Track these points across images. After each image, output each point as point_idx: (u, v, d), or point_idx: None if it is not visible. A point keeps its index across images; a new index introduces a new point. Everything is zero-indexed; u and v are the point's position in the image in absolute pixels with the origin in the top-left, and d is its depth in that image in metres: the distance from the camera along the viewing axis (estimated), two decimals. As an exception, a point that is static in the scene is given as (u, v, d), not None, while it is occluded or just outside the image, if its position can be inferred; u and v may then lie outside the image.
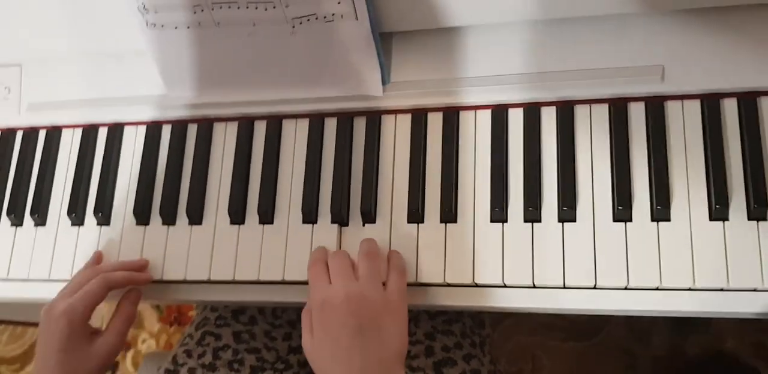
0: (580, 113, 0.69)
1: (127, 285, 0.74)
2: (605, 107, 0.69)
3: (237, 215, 0.75)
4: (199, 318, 0.95)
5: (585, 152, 0.68)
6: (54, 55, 0.83)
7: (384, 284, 0.66)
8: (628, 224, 0.66)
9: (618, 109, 0.68)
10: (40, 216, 0.81)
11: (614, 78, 0.68)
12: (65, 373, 0.69)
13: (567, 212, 0.66)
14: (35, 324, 1.72)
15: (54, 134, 0.84)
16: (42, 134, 0.85)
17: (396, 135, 0.74)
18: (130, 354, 1.74)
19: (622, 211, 0.65)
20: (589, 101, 0.69)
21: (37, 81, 0.85)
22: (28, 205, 0.82)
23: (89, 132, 0.83)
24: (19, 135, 0.85)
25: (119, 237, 0.79)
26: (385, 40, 0.73)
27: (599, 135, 0.69)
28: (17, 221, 0.82)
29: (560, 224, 0.67)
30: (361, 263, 0.66)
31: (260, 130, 0.78)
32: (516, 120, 0.71)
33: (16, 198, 0.82)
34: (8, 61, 0.85)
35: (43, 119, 0.84)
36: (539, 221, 0.68)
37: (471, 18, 0.69)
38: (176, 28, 0.70)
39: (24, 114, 0.84)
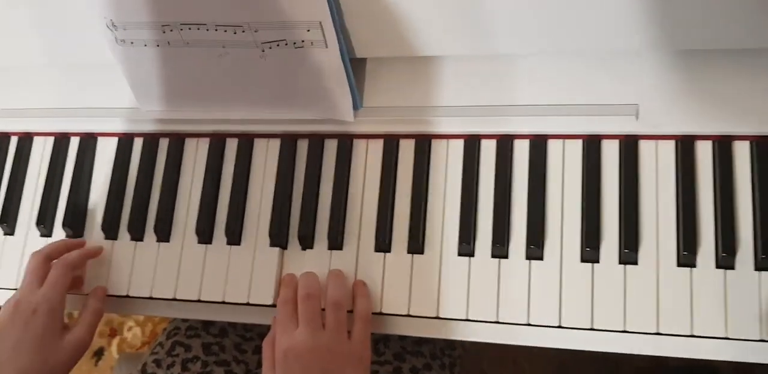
0: (553, 147, 0.68)
1: (85, 260, 0.75)
2: (579, 143, 0.67)
3: (204, 235, 0.74)
4: (171, 326, 0.94)
5: (556, 188, 0.67)
6: (27, 63, 0.81)
7: (349, 332, 0.67)
8: (595, 265, 0.64)
9: (592, 146, 0.67)
10: (9, 225, 0.80)
11: (589, 115, 0.66)
12: (36, 367, 0.68)
13: (534, 250, 0.65)
14: None
15: (26, 141, 0.83)
16: (13, 141, 0.83)
17: (367, 160, 0.73)
18: (115, 342, 1.75)
19: (590, 252, 0.64)
20: (563, 137, 0.68)
21: (9, 88, 0.84)
22: (-4, 213, 0.81)
23: (61, 141, 0.82)
24: (-10, 141, 0.84)
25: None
26: (358, 65, 0.72)
27: (571, 172, 0.67)
28: (-14, 229, 0.81)
29: (527, 261, 0.66)
30: (328, 314, 0.66)
31: (232, 148, 0.77)
32: (488, 151, 0.70)
33: (-15, 207, 0.82)
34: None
35: (15, 126, 0.83)
36: (506, 257, 0.67)
37: (442, 49, 0.67)
38: (145, 45, 0.69)
39: (-4, 120, 0.83)
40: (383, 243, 0.70)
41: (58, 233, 0.79)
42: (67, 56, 0.78)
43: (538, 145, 0.68)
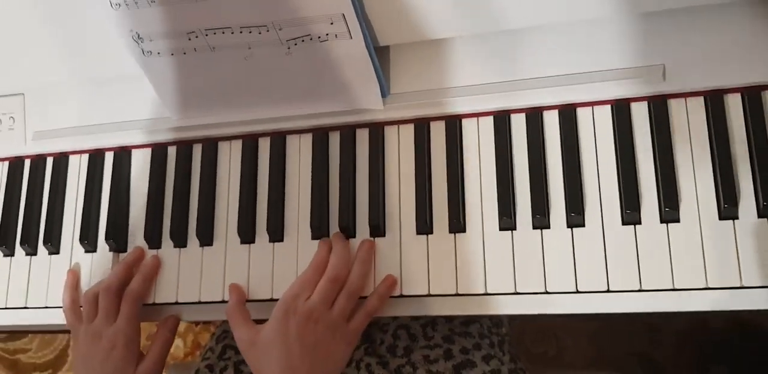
0: (583, 115, 0.69)
1: (150, 282, 0.77)
2: (608, 108, 0.68)
3: (247, 235, 0.76)
4: (219, 330, 0.96)
5: (590, 154, 0.68)
6: (55, 82, 0.83)
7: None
8: (637, 226, 0.65)
9: (621, 110, 0.68)
10: (53, 245, 0.82)
11: (615, 80, 0.67)
12: None
13: (575, 217, 0.66)
14: (65, 331, 1.76)
15: (61, 161, 0.85)
16: (50, 162, 0.85)
17: (400, 146, 0.74)
18: (158, 354, 1.77)
19: (631, 214, 0.65)
20: (592, 104, 0.69)
21: (40, 109, 0.86)
22: (41, 234, 0.83)
23: (96, 158, 0.83)
24: (27, 164, 0.86)
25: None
26: (382, 53, 0.73)
27: (603, 137, 0.68)
28: (31, 250, 0.83)
29: (569, 229, 0.67)
30: (340, 298, 0.70)
31: (265, 147, 0.78)
32: (519, 126, 0.71)
33: (29, 228, 0.83)
34: (11, 90, 0.86)
35: (49, 147, 0.85)
36: (548, 227, 0.68)
37: (461, 29, 0.68)
38: (172, 54, 0.70)
39: (30, 143, 0.85)
40: (424, 225, 0.71)
41: (102, 248, 0.81)
42: (95, 71, 0.79)
43: (567, 114, 0.69)
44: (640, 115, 0.68)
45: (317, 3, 0.63)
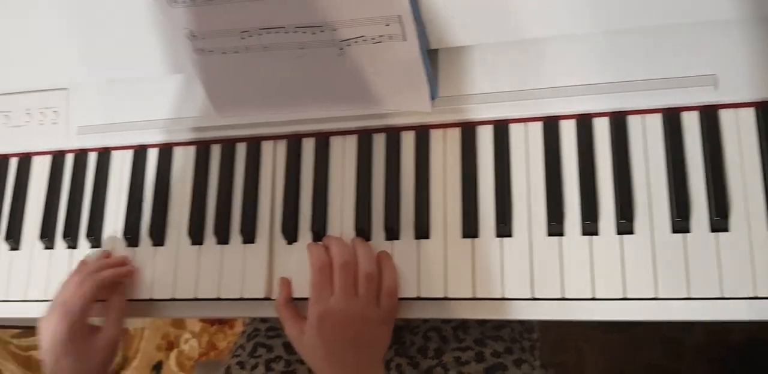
0: (633, 123, 0.69)
1: (115, 280, 0.78)
2: (658, 116, 0.69)
3: (290, 234, 0.76)
4: (249, 328, 0.96)
5: (640, 161, 0.68)
6: (99, 78, 0.83)
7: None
8: (687, 235, 0.65)
9: (671, 118, 0.68)
10: (96, 239, 0.83)
11: (666, 88, 0.67)
12: (78, 369, 0.75)
13: (625, 224, 0.66)
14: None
15: (105, 156, 0.85)
16: (93, 157, 0.86)
17: (446, 149, 0.74)
18: (173, 354, 1.78)
19: (681, 222, 0.65)
20: (642, 112, 0.69)
21: (84, 104, 0.86)
22: (84, 227, 0.83)
23: (139, 154, 0.84)
24: (70, 158, 0.86)
25: (174, 257, 0.80)
26: (432, 56, 0.73)
27: (653, 145, 0.68)
28: (73, 243, 0.83)
29: (619, 236, 0.67)
30: (361, 284, 0.71)
31: (309, 147, 0.79)
32: (568, 132, 0.71)
33: (71, 221, 0.84)
34: (54, 85, 0.86)
35: (93, 142, 0.85)
36: (596, 233, 0.68)
37: (516, 33, 0.69)
38: (224, 53, 0.71)
39: (74, 137, 0.86)
40: (470, 229, 0.71)
41: (145, 243, 0.81)
42: (138, 69, 0.80)
43: (618, 121, 0.69)
44: (690, 124, 0.68)
45: (375, 5, 0.64)
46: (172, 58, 0.78)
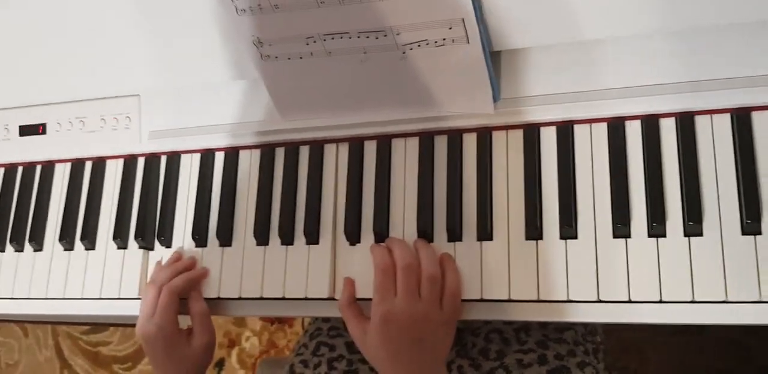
0: (702, 123, 0.68)
1: (190, 285, 0.82)
2: (727, 117, 0.67)
3: (353, 236, 0.77)
4: (312, 328, 0.98)
5: (708, 162, 0.67)
6: (169, 85, 0.86)
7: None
8: (757, 237, 0.64)
9: (741, 119, 0.66)
10: (166, 240, 0.86)
11: (736, 88, 0.66)
12: (185, 371, 0.81)
13: (693, 226, 0.65)
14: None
15: (174, 159, 0.88)
16: (163, 160, 0.89)
17: (508, 150, 0.74)
18: (235, 352, 1.82)
19: (752, 224, 0.64)
20: (710, 112, 0.68)
21: (154, 110, 0.89)
22: (155, 228, 0.87)
23: (207, 157, 0.86)
24: (141, 161, 0.90)
25: (240, 258, 0.82)
26: (494, 58, 0.73)
27: (722, 145, 0.67)
28: (144, 243, 0.87)
29: (686, 238, 0.66)
30: (424, 286, 0.71)
31: (371, 150, 0.80)
32: (634, 132, 0.70)
33: (143, 223, 0.87)
34: (127, 91, 0.90)
35: (163, 146, 0.88)
36: (664, 236, 0.67)
37: (578, 34, 0.68)
38: (289, 58, 0.73)
39: (145, 141, 0.89)
40: (534, 230, 0.71)
41: (212, 243, 0.84)
42: (205, 75, 0.82)
43: (685, 121, 0.68)
44: (761, 123, 0.66)
45: (437, 8, 0.65)
46: (237, 65, 0.80)
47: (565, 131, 0.72)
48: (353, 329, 0.73)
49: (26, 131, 0.93)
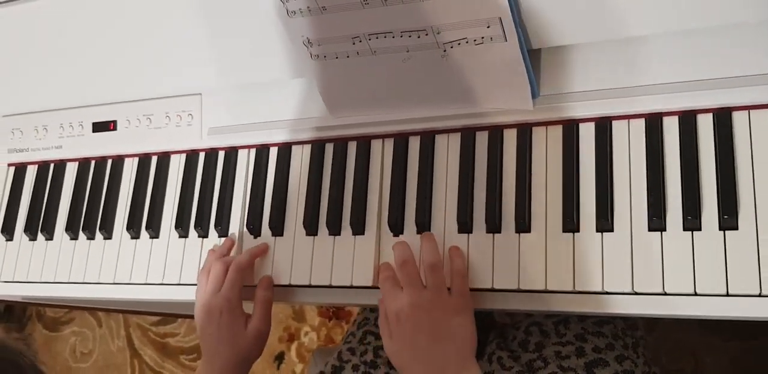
0: (739, 118, 0.68)
1: (253, 259, 0.85)
2: (765, 112, 0.67)
3: (396, 228, 0.81)
4: (360, 317, 1.02)
5: (745, 158, 0.67)
6: (229, 84, 0.92)
7: (449, 288, 0.73)
8: (794, 231, 0.64)
9: (781, 113, 0.67)
10: (223, 229, 0.91)
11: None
12: (232, 358, 0.81)
13: (728, 220, 0.66)
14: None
15: (231, 154, 0.94)
16: (221, 155, 0.94)
17: (548, 146, 0.76)
18: (294, 346, 1.87)
19: (789, 218, 0.64)
20: (748, 107, 0.68)
21: (215, 107, 0.95)
22: (212, 219, 0.92)
23: (262, 152, 0.91)
24: (202, 156, 0.96)
25: (291, 247, 0.86)
26: (534, 55, 0.76)
27: (759, 141, 0.67)
28: (203, 233, 0.92)
29: (721, 232, 0.66)
30: (427, 275, 0.73)
31: (414, 146, 0.83)
32: (671, 128, 0.71)
33: (202, 213, 0.92)
34: (190, 90, 0.96)
35: (221, 142, 0.94)
36: (699, 229, 0.68)
37: (616, 32, 0.70)
38: (337, 57, 0.77)
39: (205, 137, 0.95)
40: (571, 223, 0.73)
41: (266, 233, 0.89)
42: (261, 75, 0.87)
43: (722, 117, 0.68)
44: (801, 119, 0.66)
45: (475, 7, 0.67)
46: (293, 64, 0.84)
47: (603, 126, 0.74)
48: (381, 331, 0.74)
49: (99, 127, 1.01)
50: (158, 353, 2.07)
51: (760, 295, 0.64)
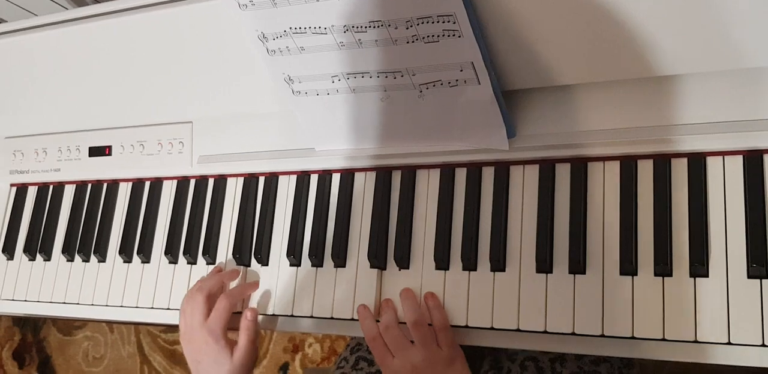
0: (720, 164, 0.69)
1: (245, 293, 0.87)
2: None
3: (377, 260, 0.81)
4: (353, 342, 1.02)
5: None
6: (218, 114, 0.93)
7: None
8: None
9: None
10: (210, 257, 0.92)
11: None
12: None
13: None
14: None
15: (220, 182, 0.95)
16: (211, 182, 0.96)
17: (524, 184, 0.77)
18: (298, 357, 1.88)
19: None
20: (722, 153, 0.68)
21: (205, 136, 0.96)
22: (201, 247, 0.93)
23: (250, 181, 0.93)
24: (192, 183, 0.97)
25: (276, 277, 0.88)
26: (512, 96, 0.76)
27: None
28: (192, 260, 0.94)
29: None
30: (414, 333, 0.75)
31: (396, 179, 0.84)
32: (645, 171, 0.71)
33: (191, 240, 0.94)
34: (181, 119, 0.97)
35: (211, 169, 0.95)
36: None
37: (589, 76, 0.70)
38: (317, 94, 0.77)
39: (195, 165, 0.96)
40: (543, 264, 0.73)
41: (252, 262, 0.90)
42: (250, 106, 0.88)
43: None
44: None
45: (449, 53, 0.68)
46: (277, 98, 0.85)
47: (578, 167, 0.73)
48: None
49: (94, 152, 1.03)
50: (167, 360, 2.09)
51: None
